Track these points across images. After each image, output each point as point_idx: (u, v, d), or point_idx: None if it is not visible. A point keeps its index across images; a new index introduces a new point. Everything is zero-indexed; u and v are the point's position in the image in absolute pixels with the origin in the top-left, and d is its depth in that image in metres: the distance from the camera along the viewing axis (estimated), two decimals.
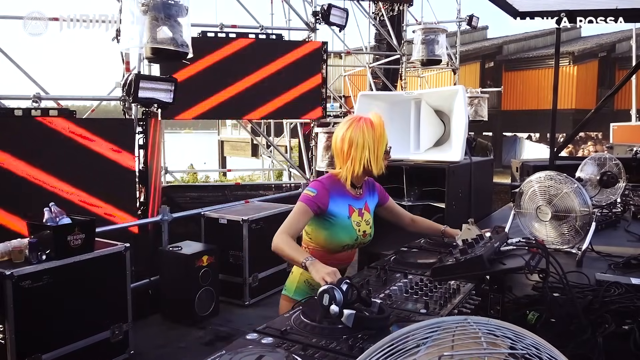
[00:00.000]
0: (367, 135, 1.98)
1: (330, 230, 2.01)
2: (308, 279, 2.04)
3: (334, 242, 2.02)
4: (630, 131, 13.08)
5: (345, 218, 2.03)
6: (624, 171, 3.49)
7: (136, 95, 4.40)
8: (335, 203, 2.01)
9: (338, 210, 2.02)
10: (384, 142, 2.03)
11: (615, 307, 1.66)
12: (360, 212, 2.10)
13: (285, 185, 8.15)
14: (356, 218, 2.07)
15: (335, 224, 2.01)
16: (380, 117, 2.03)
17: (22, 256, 2.97)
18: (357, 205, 2.10)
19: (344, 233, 2.03)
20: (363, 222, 2.10)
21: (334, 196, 2.01)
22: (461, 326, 0.76)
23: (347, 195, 2.07)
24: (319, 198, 1.97)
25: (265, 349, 1.26)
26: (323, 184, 2.01)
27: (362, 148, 1.97)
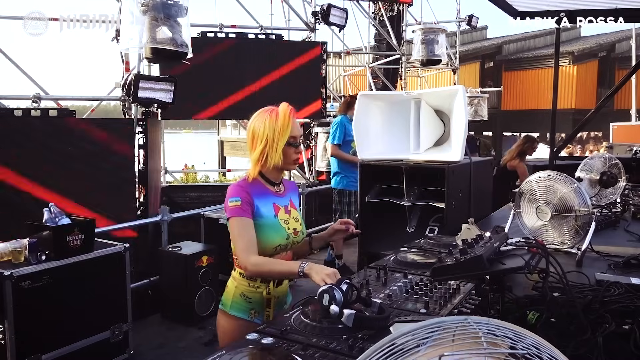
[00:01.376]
0: (268, 125, 1.85)
1: (259, 232, 1.87)
2: (244, 292, 1.90)
3: (265, 244, 1.87)
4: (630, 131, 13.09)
5: (271, 217, 1.91)
6: (623, 171, 3.49)
7: (136, 95, 4.40)
8: (259, 203, 1.89)
9: (263, 211, 1.89)
10: (287, 131, 1.86)
11: (615, 307, 1.66)
12: (286, 210, 1.98)
13: None
14: (283, 216, 1.95)
15: (263, 225, 1.88)
16: (288, 106, 1.90)
17: (22, 256, 2.97)
18: (281, 202, 1.97)
19: (274, 233, 1.90)
20: (292, 220, 1.98)
21: (256, 196, 1.88)
22: (461, 326, 0.76)
23: (268, 194, 1.94)
24: (245, 202, 1.84)
25: (266, 349, 1.26)
26: (241, 187, 1.88)
27: (261, 139, 1.85)
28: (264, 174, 1.94)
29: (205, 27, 6.32)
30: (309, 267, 1.68)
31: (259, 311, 1.90)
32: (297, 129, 1.90)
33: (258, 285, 1.89)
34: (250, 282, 1.89)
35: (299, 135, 1.92)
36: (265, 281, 1.89)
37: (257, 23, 6.92)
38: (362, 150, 3.46)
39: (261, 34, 6.58)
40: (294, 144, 1.90)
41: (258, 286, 1.89)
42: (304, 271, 1.69)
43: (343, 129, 5.18)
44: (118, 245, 3.45)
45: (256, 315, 1.90)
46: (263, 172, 1.94)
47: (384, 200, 3.26)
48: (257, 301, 1.90)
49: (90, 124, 4.73)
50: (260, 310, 1.90)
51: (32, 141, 4.18)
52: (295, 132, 1.89)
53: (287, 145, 1.87)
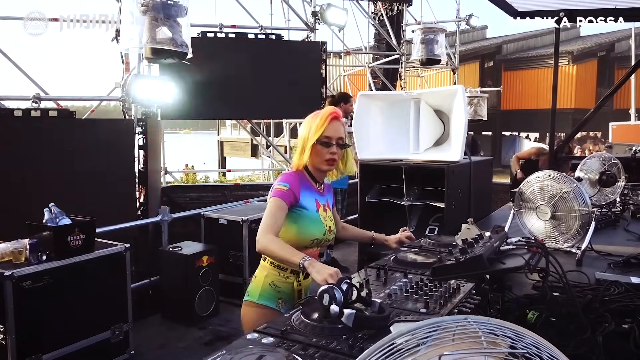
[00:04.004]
0: (306, 125, 1.97)
1: (301, 223, 1.95)
2: (274, 281, 1.97)
3: (304, 235, 1.96)
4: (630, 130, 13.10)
5: (314, 211, 1.99)
6: (623, 170, 3.49)
7: (136, 96, 4.40)
8: (304, 196, 1.97)
9: (307, 203, 1.97)
10: (320, 131, 1.94)
11: (615, 306, 1.66)
12: (324, 208, 2.06)
13: None
14: (322, 213, 2.03)
15: (306, 217, 1.96)
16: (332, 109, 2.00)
17: (23, 257, 2.97)
18: (321, 200, 2.06)
19: (314, 226, 1.98)
20: (328, 218, 2.07)
21: (302, 189, 1.97)
22: (461, 325, 0.76)
23: (312, 190, 2.03)
24: (292, 190, 1.92)
25: (265, 349, 1.27)
26: (292, 176, 1.97)
27: (302, 135, 1.98)
28: (309, 170, 2.03)
29: (205, 27, 6.32)
30: (310, 263, 1.69)
31: (286, 301, 1.95)
32: (334, 131, 1.96)
33: (288, 275, 1.95)
34: (280, 272, 1.95)
35: (335, 137, 1.96)
36: (295, 272, 1.94)
37: (257, 23, 6.92)
38: (362, 150, 3.46)
39: (261, 34, 6.58)
40: (326, 144, 1.95)
41: (287, 276, 1.95)
42: (304, 265, 1.69)
43: None
44: (118, 245, 3.45)
45: (283, 305, 1.95)
46: (309, 168, 2.02)
47: (384, 200, 3.27)
48: (285, 291, 1.95)
49: (90, 124, 4.74)
50: (288, 300, 1.95)
51: (32, 141, 4.18)
52: (331, 133, 1.95)
53: (318, 144, 1.94)
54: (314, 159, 1.97)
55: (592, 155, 3.71)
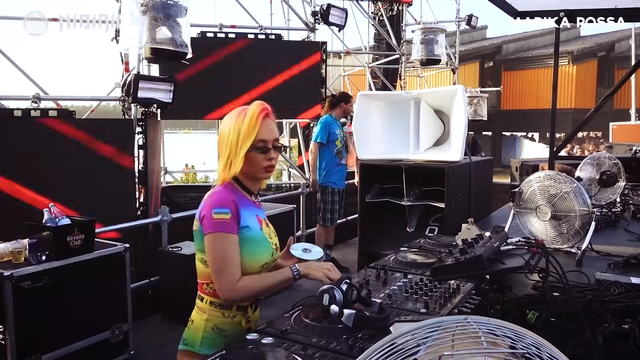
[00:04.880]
0: (234, 127, 1.59)
1: (247, 248, 1.58)
2: (217, 325, 1.61)
3: (253, 262, 1.60)
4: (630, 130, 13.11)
5: (258, 230, 1.64)
6: (623, 171, 3.49)
7: (135, 96, 4.40)
8: (244, 213, 1.60)
9: (249, 222, 1.61)
10: (252, 134, 1.58)
11: (615, 306, 1.66)
12: (266, 223, 1.73)
13: (285, 185, 8.16)
14: (266, 229, 1.70)
15: (251, 239, 1.60)
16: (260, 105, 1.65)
17: (22, 257, 2.97)
18: (261, 214, 1.72)
19: (262, 248, 1.63)
20: (272, 234, 1.73)
21: (241, 205, 1.60)
22: (461, 326, 0.76)
23: (250, 204, 1.67)
24: (234, 216, 1.56)
25: (265, 349, 1.27)
26: (227, 195, 1.59)
27: (226, 142, 1.60)
28: (241, 181, 1.66)
29: (205, 27, 6.32)
30: (305, 267, 1.58)
31: None
32: (268, 132, 1.62)
33: (234, 314, 1.61)
34: (225, 312, 1.61)
35: (271, 139, 1.63)
36: (242, 308, 1.62)
37: (256, 23, 6.92)
38: (362, 150, 3.46)
39: (261, 34, 6.58)
40: (262, 149, 1.60)
41: (234, 315, 1.61)
42: (299, 273, 1.56)
43: (327, 129, 5.23)
44: (118, 245, 3.44)
45: None
46: (240, 179, 1.66)
47: (384, 200, 3.27)
48: (232, 333, 1.60)
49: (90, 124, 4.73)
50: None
51: (31, 141, 4.18)
52: (266, 136, 1.61)
53: (253, 151, 1.59)
54: (247, 168, 1.61)
55: (593, 155, 3.71)
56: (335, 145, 5.28)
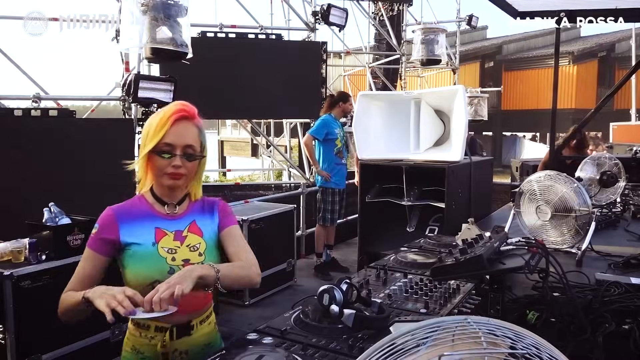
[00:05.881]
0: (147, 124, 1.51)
1: (131, 263, 1.49)
2: (135, 345, 1.52)
3: (137, 278, 1.48)
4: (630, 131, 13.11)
5: (148, 244, 1.50)
6: (623, 171, 3.49)
7: (136, 95, 4.40)
8: (129, 229, 1.50)
9: (137, 237, 1.50)
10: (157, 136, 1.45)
11: (615, 307, 1.66)
12: (178, 235, 1.54)
13: (285, 185, 8.16)
14: (168, 243, 1.51)
15: (135, 256, 1.49)
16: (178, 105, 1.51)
17: (22, 256, 2.97)
18: (171, 227, 1.54)
19: (147, 265, 1.48)
20: (184, 248, 1.52)
21: (128, 219, 1.51)
22: (461, 326, 0.76)
23: (152, 216, 1.54)
24: (102, 232, 1.51)
25: (265, 349, 1.27)
26: (110, 212, 1.53)
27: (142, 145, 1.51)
28: (153, 191, 1.57)
29: (205, 27, 6.32)
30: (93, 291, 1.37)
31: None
32: (178, 136, 1.46)
33: (152, 334, 1.49)
34: (142, 332, 1.50)
35: (181, 145, 1.47)
36: (159, 329, 1.49)
37: (257, 23, 6.92)
38: (362, 150, 3.46)
39: (261, 34, 6.58)
40: (166, 153, 1.46)
41: (152, 336, 1.49)
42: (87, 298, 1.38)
43: (325, 127, 5.23)
44: None
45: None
46: (153, 188, 1.57)
47: (384, 200, 3.27)
48: (151, 355, 1.50)
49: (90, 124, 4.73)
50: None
51: (32, 141, 4.18)
52: (173, 139, 1.46)
53: (155, 154, 1.47)
54: (153, 174, 1.52)
55: (593, 155, 3.71)
56: (335, 145, 5.28)
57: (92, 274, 1.53)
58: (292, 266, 5.10)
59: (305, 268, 5.58)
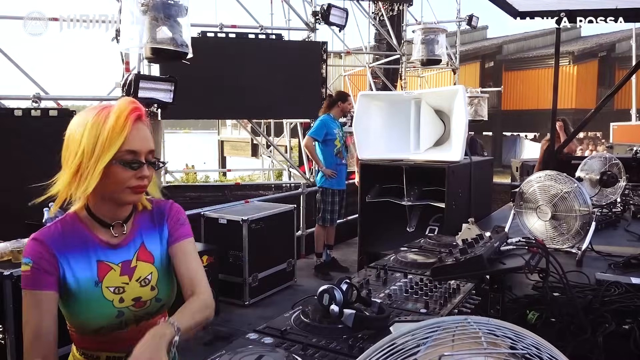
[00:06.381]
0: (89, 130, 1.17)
1: (70, 307, 1.22)
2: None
3: (80, 324, 1.24)
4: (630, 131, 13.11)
5: (90, 285, 1.22)
6: (623, 171, 3.49)
7: (136, 95, 4.39)
8: (67, 264, 1.21)
9: (77, 274, 1.21)
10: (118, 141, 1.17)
11: (616, 307, 1.66)
12: (125, 269, 1.27)
13: (285, 185, 8.16)
14: (114, 280, 1.24)
15: (75, 297, 1.21)
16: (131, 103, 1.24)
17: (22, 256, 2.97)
18: (116, 257, 1.26)
19: (90, 309, 1.22)
20: (132, 284, 1.27)
21: (64, 253, 1.21)
22: (461, 326, 0.76)
23: (91, 245, 1.24)
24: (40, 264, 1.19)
25: (265, 349, 1.26)
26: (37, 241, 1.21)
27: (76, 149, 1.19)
28: (91, 210, 1.26)
29: (205, 27, 6.32)
30: None
31: None
32: (141, 141, 1.22)
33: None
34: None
35: (145, 151, 1.22)
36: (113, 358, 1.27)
37: (257, 23, 6.92)
38: (362, 150, 3.46)
39: (261, 34, 6.58)
40: (131, 163, 1.20)
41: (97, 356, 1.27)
42: None
43: (324, 128, 5.23)
44: None
45: None
46: (91, 207, 1.25)
47: (384, 200, 3.27)
48: None
49: None
50: None
51: (32, 141, 4.18)
52: (138, 145, 1.21)
53: (117, 164, 1.19)
54: (104, 188, 1.20)
55: (593, 155, 3.71)
56: (334, 145, 5.28)
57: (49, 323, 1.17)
58: (292, 266, 5.10)
59: (305, 268, 5.58)
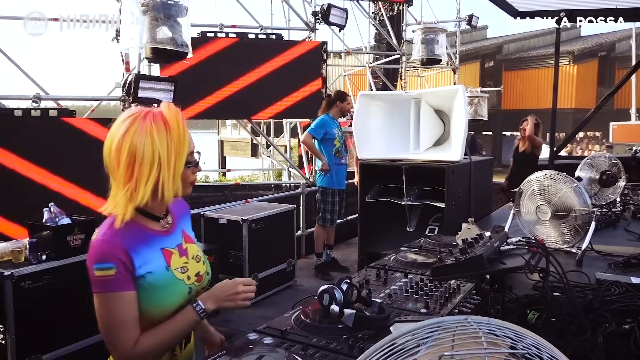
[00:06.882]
0: (158, 141, 1.28)
1: (149, 299, 1.31)
2: None
3: (161, 311, 1.33)
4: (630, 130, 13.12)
5: (162, 271, 1.34)
6: (623, 170, 3.49)
7: (136, 95, 4.40)
8: (140, 258, 1.30)
9: (150, 266, 1.32)
10: (186, 147, 1.32)
11: (616, 306, 1.66)
12: (181, 251, 1.43)
13: (285, 185, 8.15)
14: (178, 263, 1.40)
15: (153, 287, 1.31)
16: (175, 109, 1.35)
17: (22, 256, 2.97)
18: (172, 243, 1.41)
19: (169, 293, 1.35)
20: (191, 262, 1.44)
21: (135, 249, 1.30)
22: (461, 326, 0.76)
23: (152, 237, 1.36)
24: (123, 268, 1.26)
25: (265, 349, 1.27)
26: (110, 243, 1.28)
27: (150, 163, 1.27)
28: (142, 209, 1.35)
29: (205, 27, 6.32)
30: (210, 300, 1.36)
31: None
32: (192, 141, 1.37)
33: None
34: None
35: (194, 149, 1.39)
36: None
37: (257, 23, 6.92)
38: (362, 150, 3.46)
39: (261, 34, 6.58)
40: (192, 163, 1.38)
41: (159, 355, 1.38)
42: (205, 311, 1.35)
43: (324, 127, 5.23)
44: None
45: None
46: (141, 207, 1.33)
47: (384, 200, 3.27)
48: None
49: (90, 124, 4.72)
50: None
51: (32, 141, 4.18)
52: (192, 145, 1.37)
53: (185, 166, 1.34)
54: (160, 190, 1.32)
55: (593, 155, 3.71)
56: (333, 145, 5.28)
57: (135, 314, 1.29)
58: (292, 266, 5.10)
59: (306, 268, 5.58)
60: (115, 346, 1.28)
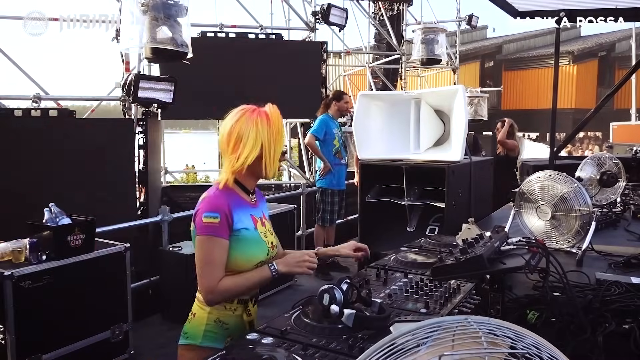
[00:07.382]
0: (262, 130, 1.65)
1: (240, 248, 1.64)
2: (219, 317, 1.67)
3: (246, 261, 1.65)
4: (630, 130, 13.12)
5: (253, 230, 1.69)
6: (623, 171, 3.49)
7: (136, 95, 4.40)
8: (238, 216, 1.65)
9: (243, 223, 1.66)
10: (282, 139, 1.72)
11: (616, 306, 1.66)
12: (262, 221, 1.77)
13: (285, 185, 8.15)
14: (261, 228, 1.74)
15: (245, 240, 1.65)
16: (276, 109, 1.74)
17: (22, 256, 2.97)
18: (256, 213, 1.76)
19: (256, 248, 1.69)
20: (268, 233, 1.78)
21: (234, 208, 1.65)
22: (461, 326, 0.76)
23: (245, 204, 1.72)
24: (225, 220, 1.60)
25: (265, 349, 1.27)
26: (220, 200, 1.63)
27: (252, 145, 1.63)
28: (240, 181, 1.72)
29: (205, 27, 6.33)
30: (283, 265, 1.67)
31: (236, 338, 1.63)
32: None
33: (235, 307, 1.68)
34: (227, 305, 1.67)
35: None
36: (243, 301, 1.70)
37: (257, 23, 6.93)
38: (362, 150, 3.46)
39: (261, 34, 6.59)
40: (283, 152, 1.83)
41: (235, 308, 1.69)
42: (278, 272, 1.65)
43: (325, 127, 5.23)
44: (118, 245, 3.45)
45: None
46: (239, 179, 1.71)
47: (384, 200, 3.27)
48: (234, 326, 1.68)
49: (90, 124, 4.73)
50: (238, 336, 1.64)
51: (32, 141, 4.18)
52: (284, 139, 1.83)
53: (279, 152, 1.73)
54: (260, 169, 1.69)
55: (593, 155, 3.71)
56: (333, 145, 5.28)
57: (224, 259, 1.61)
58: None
59: None
60: (203, 282, 1.59)
